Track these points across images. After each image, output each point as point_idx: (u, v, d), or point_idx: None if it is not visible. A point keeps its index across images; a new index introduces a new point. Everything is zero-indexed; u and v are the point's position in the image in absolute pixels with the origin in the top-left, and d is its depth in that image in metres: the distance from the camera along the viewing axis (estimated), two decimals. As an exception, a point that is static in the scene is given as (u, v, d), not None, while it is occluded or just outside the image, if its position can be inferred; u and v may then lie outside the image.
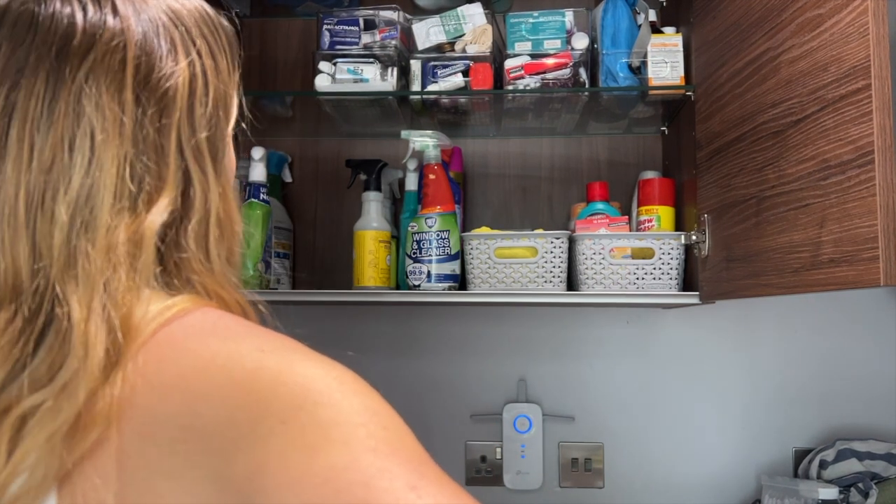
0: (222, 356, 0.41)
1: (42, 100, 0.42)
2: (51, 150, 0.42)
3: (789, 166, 0.88)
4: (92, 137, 0.43)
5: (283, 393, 0.40)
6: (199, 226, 0.48)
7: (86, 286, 0.41)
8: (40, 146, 0.41)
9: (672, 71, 1.25)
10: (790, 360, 1.46)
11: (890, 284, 0.71)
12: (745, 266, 1.01)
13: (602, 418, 1.48)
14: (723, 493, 1.45)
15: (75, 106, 0.42)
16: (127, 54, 0.44)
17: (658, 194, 1.32)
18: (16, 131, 0.41)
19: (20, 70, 0.42)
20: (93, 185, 0.43)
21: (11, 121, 0.41)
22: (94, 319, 0.41)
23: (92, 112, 0.43)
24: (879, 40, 0.73)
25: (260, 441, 0.39)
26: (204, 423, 0.39)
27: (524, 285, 1.26)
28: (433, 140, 1.29)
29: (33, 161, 0.41)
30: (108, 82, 0.43)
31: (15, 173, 0.41)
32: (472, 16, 1.32)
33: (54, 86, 0.42)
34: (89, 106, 0.43)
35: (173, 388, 0.40)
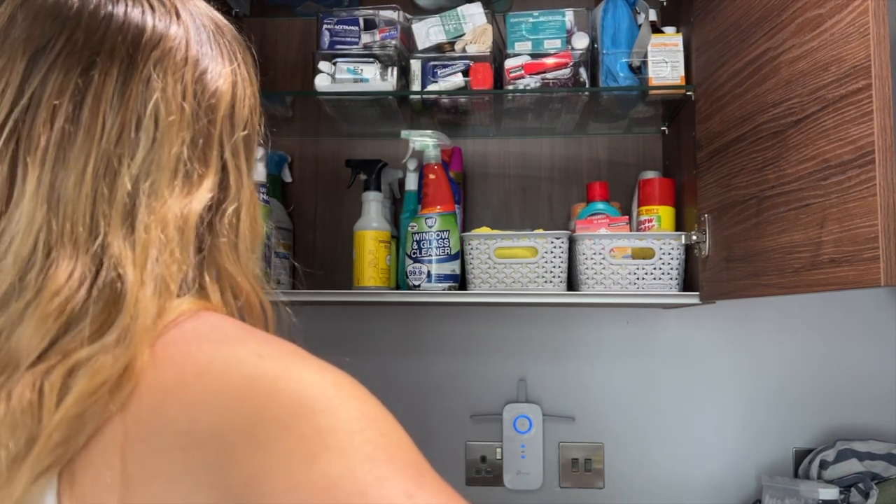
0: (220, 361, 0.42)
1: (116, 81, 0.46)
2: (119, 126, 0.46)
3: (789, 166, 0.88)
4: (156, 119, 0.47)
5: (281, 399, 0.40)
6: (232, 215, 0.52)
7: (141, 254, 0.45)
8: (111, 122, 0.46)
9: (672, 71, 1.25)
10: (790, 360, 1.46)
11: (890, 284, 0.70)
12: (745, 266, 1.01)
13: (602, 418, 1.48)
14: (723, 494, 1.45)
15: (144, 91, 0.47)
16: (189, 53, 0.50)
17: (658, 194, 1.32)
18: (89, 107, 0.46)
19: (94, 55, 0.46)
20: (154, 161, 0.47)
21: (85, 97, 0.46)
22: (147, 286, 0.44)
23: (159, 97, 0.48)
24: (880, 40, 0.73)
25: (258, 448, 0.39)
26: (202, 429, 0.40)
27: (524, 285, 1.26)
28: (433, 140, 1.29)
29: (104, 135, 0.46)
30: (172, 74, 0.49)
31: (87, 144, 0.45)
32: (472, 15, 1.32)
33: (126, 71, 0.47)
34: (157, 92, 0.48)
35: (172, 394, 0.41)
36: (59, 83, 0.46)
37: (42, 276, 0.43)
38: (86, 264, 0.44)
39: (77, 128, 0.45)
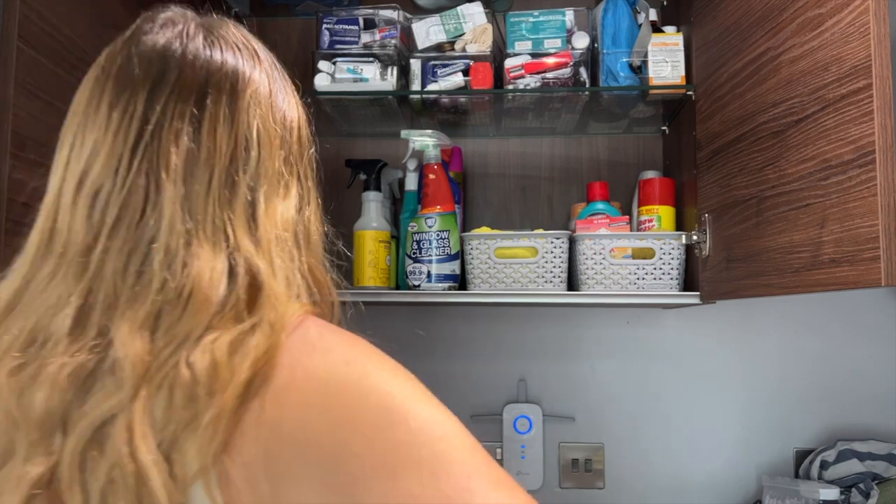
0: (321, 370, 0.49)
1: (225, 110, 0.55)
2: (233, 146, 0.55)
3: (790, 166, 0.88)
4: (259, 140, 0.57)
5: (367, 409, 0.48)
6: (308, 219, 0.62)
7: (266, 249, 0.54)
8: (226, 142, 0.55)
9: (672, 70, 1.25)
10: (791, 360, 1.46)
11: (891, 284, 0.70)
12: (745, 266, 1.01)
13: (602, 418, 1.48)
14: (723, 494, 1.45)
15: (247, 118, 0.56)
16: (271, 88, 0.61)
17: (658, 194, 1.32)
18: (206, 130, 0.54)
19: (204, 89, 0.55)
20: (262, 174, 0.56)
21: (202, 122, 0.54)
22: (277, 276, 0.53)
23: (259, 123, 0.57)
24: (880, 40, 0.73)
25: (354, 458, 0.46)
26: (307, 431, 0.46)
27: (524, 285, 1.26)
28: (433, 140, 1.29)
29: (222, 153, 0.54)
30: (263, 105, 0.58)
31: (209, 160, 0.54)
32: (472, 15, 1.31)
33: (231, 103, 0.56)
34: (256, 119, 0.57)
35: (286, 396, 0.48)
36: (178, 111, 0.54)
37: (188, 270, 0.50)
38: (222, 259, 0.52)
39: (199, 147, 0.53)
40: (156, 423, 0.46)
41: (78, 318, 0.49)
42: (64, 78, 0.95)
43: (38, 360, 0.48)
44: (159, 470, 0.45)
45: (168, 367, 0.47)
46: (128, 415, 0.46)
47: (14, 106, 0.85)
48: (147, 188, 0.52)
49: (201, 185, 0.53)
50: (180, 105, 0.54)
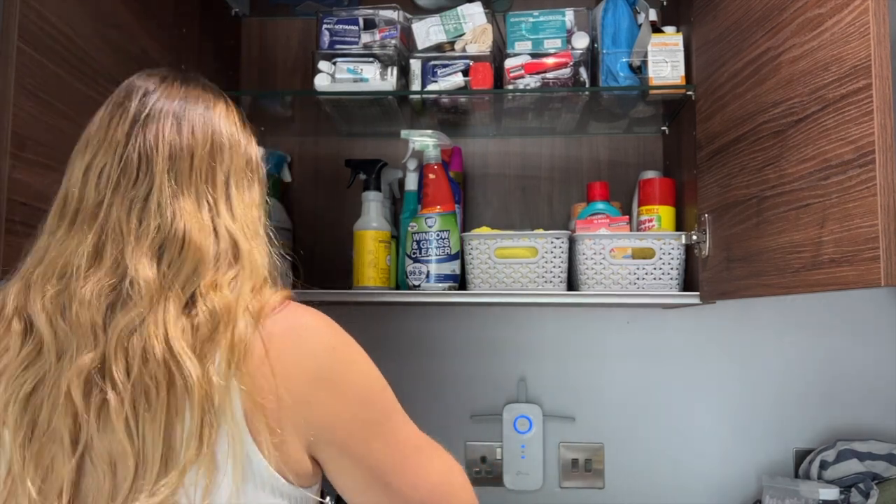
0: (316, 351, 0.66)
1: (203, 114, 0.72)
2: (208, 141, 0.71)
3: (790, 166, 0.88)
4: (230, 145, 0.73)
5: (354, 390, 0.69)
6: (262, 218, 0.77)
7: (241, 225, 0.71)
8: (201, 137, 0.70)
9: (672, 70, 1.25)
10: (790, 360, 1.46)
11: (890, 284, 0.70)
12: (745, 266, 1.01)
13: (602, 418, 1.48)
14: (723, 494, 1.45)
15: (220, 127, 0.73)
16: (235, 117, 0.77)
17: (658, 194, 1.32)
18: (185, 126, 0.70)
19: (183, 103, 0.72)
20: (232, 169, 0.73)
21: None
22: (253, 247, 0.71)
23: (231, 133, 0.74)
24: (880, 40, 0.73)
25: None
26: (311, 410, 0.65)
27: (524, 285, 1.26)
28: (433, 140, 1.29)
29: (198, 143, 0.70)
30: (230, 123, 0.75)
31: (190, 147, 0.69)
32: (472, 15, 1.31)
33: (205, 112, 0.72)
34: (228, 129, 0.74)
35: (291, 374, 0.64)
36: (164, 109, 0.71)
37: (177, 220, 0.66)
38: (206, 218, 0.69)
39: (180, 137, 0.70)
40: (183, 332, 0.62)
41: (94, 254, 0.65)
42: (64, 78, 0.95)
43: (69, 286, 0.64)
44: (191, 359, 0.61)
45: (174, 291, 0.63)
46: (154, 318, 0.62)
47: (14, 106, 0.85)
48: (139, 162, 0.67)
49: (184, 162, 0.68)
50: (167, 104, 0.70)
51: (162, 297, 0.63)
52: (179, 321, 0.62)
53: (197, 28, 1.36)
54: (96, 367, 0.61)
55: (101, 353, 0.61)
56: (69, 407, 0.60)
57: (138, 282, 0.62)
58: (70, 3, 0.96)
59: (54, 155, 0.93)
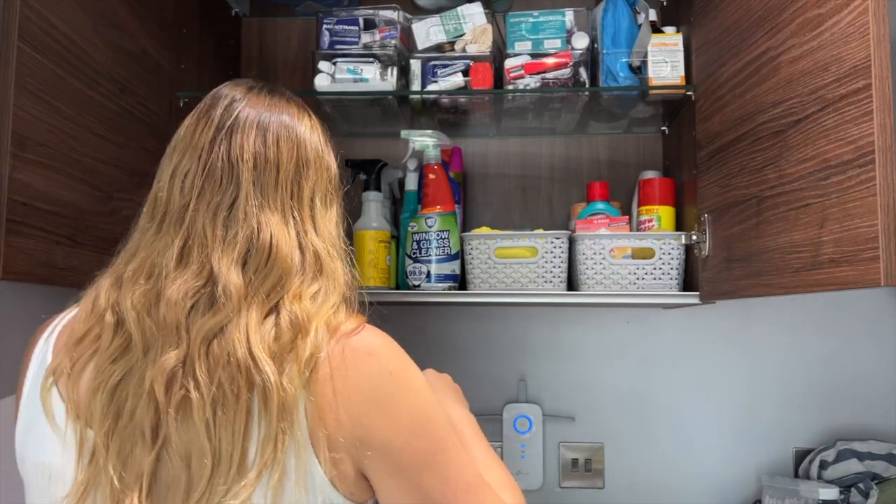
0: (374, 374, 0.65)
1: (287, 131, 0.72)
2: (294, 158, 0.72)
3: (790, 166, 0.88)
4: (316, 162, 0.74)
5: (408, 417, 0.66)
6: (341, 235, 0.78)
7: (324, 240, 0.72)
8: (286, 154, 0.71)
9: (672, 70, 1.25)
10: (790, 360, 1.46)
11: (890, 284, 0.70)
12: (745, 266, 1.01)
13: (602, 418, 1.48)
14: (723, 494, 1.45)
15: (306, 143, 0.74)
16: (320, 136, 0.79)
17: (658, 194, 1.32)
18: (271, 139, 0.71)
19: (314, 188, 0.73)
20: (317, 187, 0.74)
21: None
22: (336, 264, 0.71)
23: (314, 151, 0.75)
24: (880, 40, 0.73)
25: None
26: (366, 432, 0.64)
27: (524, 285, 1.26)
28: (433, 140, 1.29)
29: (284, 159, 0.71)
30: (312, 141, 0.76)
31: (276, 162, 0.70)
32: (472, 15, 1.32)
33: (289, 129, 0.73)
34: (312, 146, 0.74)
35: (349, 395, 0.64)
36: (248, 121, 0.71)
37: (263, 231, 0.67)
38: (292, 231, 0.69)
39: (266, 150, 0.71)
40: (264, 338, 0.63)
41: (180, 256, 0.66)
42: (64, 78, 0.95)
43: (157, 286, 0.66)
44: (270, 364, 0.62)
45: (259, 299, 0.65)
46: (238, 322, 0.63)
47: (14, 106, 0.85)
48: (223, 169, 0.68)
49: (270, 175, 0.69)
50: (251, 116, 0.71)
51: (247, 303, 0.64)
52: (262, 328, 0.64)
53: (197, 28, 1.36)
54: (179, 365, 0.63)
55: (185, 352, 0.63)
56: (152, 402, 0.62)
57: (228, 287, 0.64)
58: (70, 3, 0.96)
59: (54, 155, 0.93)
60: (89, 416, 0.65)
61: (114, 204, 1.07)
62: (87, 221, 1.00)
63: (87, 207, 1.00)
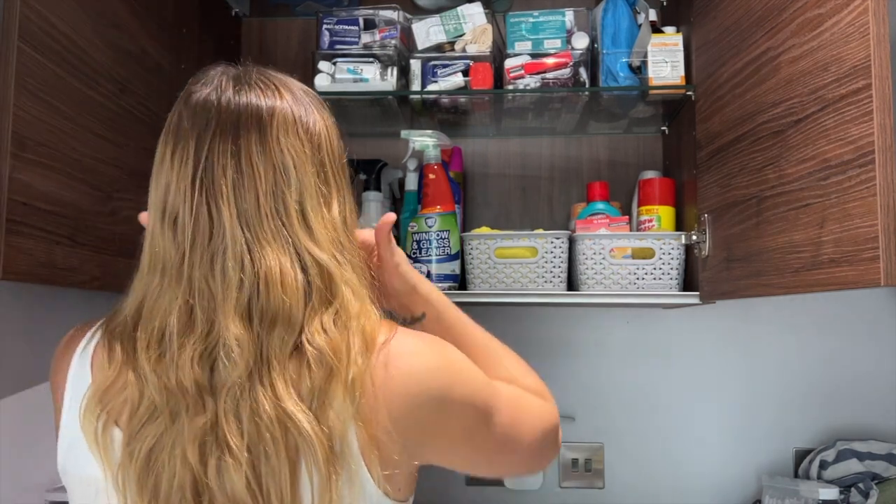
0: (420, 375, 0.65)
1: (256, 142, 0.68)
2: (270, 170, 0.68)
3: (790, 166, 0.88)
4: (294, 164, 0.70)
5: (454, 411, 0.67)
6: (351, 225, 0.74)
7: (325, 248, 0.68)
8: (263, 168, 0.67)
9: (672, 70, 1.25)
10: (790, 360, 1.46)
11: (890, 284, 0.70)
12: (745, 266, 1.01)
13: (602, 418, 1.48)
14: (723, 494, 1.45)
15: (279, 146, 0.69)
16: (294, 114, 0.72)
17: (658, 194, 1.32)
18: (245, 161, 0.67)
19: (237, 128, 0.68)
20: (303, 189, 0.70)
21: (240, 156, 0.67)
22: (343, 266, 0.68)
23: (291, 149, 0.70)
24: (880, 40, 0.73)
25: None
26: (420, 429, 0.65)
27: (524, 285, 1.26)
28: (433, 140, 1.29)
29: (260, 177, 0.67)
30: (288, 130, 0.71)
31: (252, 183, 0.66)
32: (472, 15, 1.32)
33: (260, 137, 0.68)
34: (287, 145, 0.70)
35: (397, 402, 0.64)
36: (220, 150, 0.66)
37: (257, 268, 0.63)
38: (287, 256, 0.65)
39: (241, 175, 0.66)
40: (294, 385, 0.62)
41: (185, 317, 0.64)
42: (64, 78, 0.95)
43: (169, 352, 0.64)
44: (304, 413, 0.60)
45: (274, 345, 0.63)
46: (258, 376, 0.62)
47: (14, 106, 0.85)
48: (210, 212, 0.65)
49: (250, 204, 0.65)
50: (221, 145, 0.67)
51: (260, 354, 0.62)
52: (285, 375, 0.62)
53: (197, 28, 1.36)
54: (210, 430, 0.62)
55: (213, 415, 0.62)
56: (188, 470, 0.62)
57: (231, 344, 0.62)
58: (70, 3, 0.96)
59: (54, 155, 0.93)
60: (126, 479, 0.64)
61: (114, 204, 1.07)
62: (87, 221, 1.00)
63: (87, 207, 1.00)
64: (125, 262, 1.09)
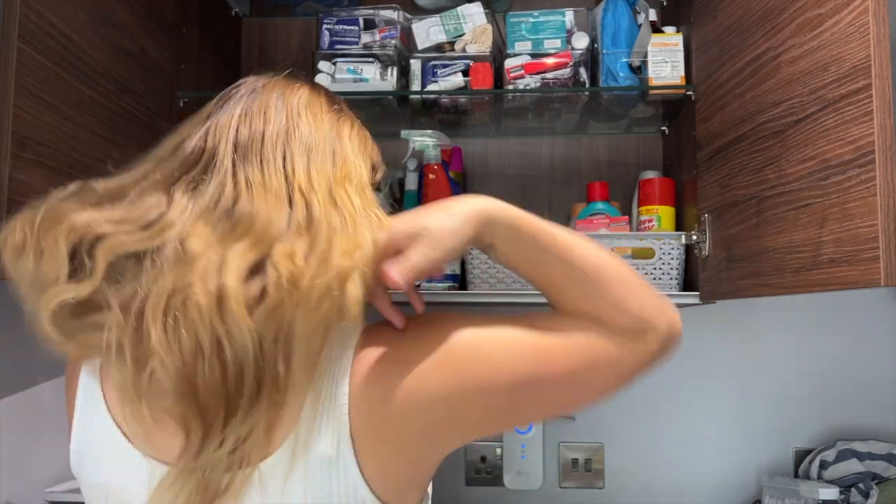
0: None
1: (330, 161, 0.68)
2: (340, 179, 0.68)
3: (790, 166, 0.88)
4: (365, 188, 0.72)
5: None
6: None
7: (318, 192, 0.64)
8: (331, 174, 0.68)
9: (672, 70, 1.25)
10: (790, 360, 1.46)
11: (890, 284, 0.70)
12: (745, 266, 1.01)
13: (602, 418, 1.48)
14: (723, 494, 1.45)
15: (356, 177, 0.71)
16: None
17: (658, 194, 1.32)
18: (312, 163, 0.67)
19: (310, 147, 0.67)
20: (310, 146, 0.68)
21: (310, 158, 0.65)
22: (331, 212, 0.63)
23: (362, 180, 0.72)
24: (880, 40, 0.73)
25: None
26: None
27: (524, 285, 1.26)
28: (433, 140, 1.29)
29: (323, 175, 0.66)
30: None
31: (319, 179, 0.65)
32: (472, 15, 1.32)
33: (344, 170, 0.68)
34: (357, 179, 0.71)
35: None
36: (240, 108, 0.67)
37: (238, 181, 0.61)
38: (274, 179, 0.62)
39: (247, 118, 0.65)
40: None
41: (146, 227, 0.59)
42: (64, 78, 0.95)
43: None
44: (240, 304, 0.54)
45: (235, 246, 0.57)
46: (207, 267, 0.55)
47: (14, 106, 0.85)
48: (201, 151, 0.64)
49: (254, 143, 0.63)
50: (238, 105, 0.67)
51: (211, 259, 0.56)
52: (239, 278, 0.55)
53: (197, 28, 1.36)
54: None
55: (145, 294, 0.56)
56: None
57: (186, 248, 0.56)
58: (70, 3, 0.96)
59: (54, 155, 0.93)
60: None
61: (114, 204, 1.07)
62: (87, 221, 1.00)
63: (87, 207, 1.00)
64: (125, 262, 1.10)
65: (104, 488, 0.65)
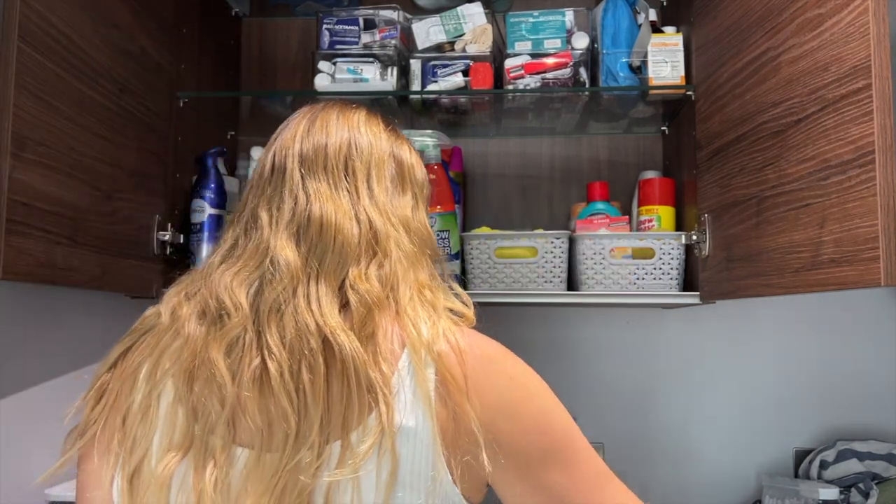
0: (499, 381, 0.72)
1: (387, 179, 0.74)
2: (403, 203, 0.75)
3: (790, 166, 0.88)
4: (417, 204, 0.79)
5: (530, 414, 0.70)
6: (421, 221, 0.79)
7: (381, 210, 0.70)
8: (393, 194, 0.73)
9: (672, 70, 1.25)
10: (790, 359, 1.46)
11: (890, 284, 0.70)
12: (745, 266, 1.01)
13: (602, 418, 1.48)
14: (723, 494, 1.45)
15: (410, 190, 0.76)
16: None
17: (658, 194, 1.32)
18: (377, 184, 0.72)
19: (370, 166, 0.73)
20: (370, 163, 0.74)
21: (370, 180, 0.71)
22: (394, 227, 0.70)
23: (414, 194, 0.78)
24: (880, 40, 0.73)
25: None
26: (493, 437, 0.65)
27: (524, 285, 1.26)
28: (433, 140, 1.29)
29: (389, 197, 0.72)
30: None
31: (385, 199, 0.72)
32: (472, 15, 1.32)
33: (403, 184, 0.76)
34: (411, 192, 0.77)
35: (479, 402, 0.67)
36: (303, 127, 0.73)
37: (310, 205, 0.66)
38: (345, 204, 0.68)
39: (309, 135, 0.72)
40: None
41: (231, 248, 0.68)
42: (64, 78, 0.95)
43: (209, 280, 0.66)
44: (345, 332, 0.60)
45: (312, 268, 0.63)
46: (304, 293, 0.62)
47: (14, 106, 0.85)
48: (272, 165, 0.71)
49: (318, 157, 0.69)
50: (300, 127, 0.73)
51: (306, 275, 0.63)
52: (331, 300, 0.62)
53: (197, 28, 1.36)
54: (252, 339, 0.61)
55: (256, 329, 0.62)
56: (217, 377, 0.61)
57: (278, 260, 0.63)
58: (70, 3, 0.96)
59: (54, 155, 0.93)
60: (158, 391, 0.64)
61: (114, 204, 1.07)
62: (87, 221, 1.00)
63: (87, 207, 1.00)
64: (125, 262, 1.10)
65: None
